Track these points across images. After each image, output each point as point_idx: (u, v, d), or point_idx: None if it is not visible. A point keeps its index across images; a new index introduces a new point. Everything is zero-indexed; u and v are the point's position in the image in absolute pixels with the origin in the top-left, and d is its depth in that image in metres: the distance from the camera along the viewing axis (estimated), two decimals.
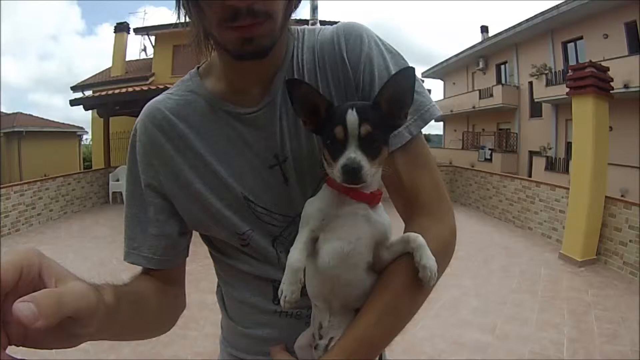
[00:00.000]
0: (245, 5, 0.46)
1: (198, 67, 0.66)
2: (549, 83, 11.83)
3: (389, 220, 0.52)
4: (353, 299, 0.51)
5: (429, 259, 0.47)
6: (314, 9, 7.17)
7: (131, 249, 0.63)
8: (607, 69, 5.08)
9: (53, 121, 18.07)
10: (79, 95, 11.66)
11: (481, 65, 16.25)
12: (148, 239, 0.62)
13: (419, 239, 0.49)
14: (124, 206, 0.66)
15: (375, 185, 0.51)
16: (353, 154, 0.45)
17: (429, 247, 0.49)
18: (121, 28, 12.54)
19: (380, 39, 0.61)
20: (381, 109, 0.49)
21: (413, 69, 0.50)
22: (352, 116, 0.46)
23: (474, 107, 15.72)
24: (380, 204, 0.52)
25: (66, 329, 0.36)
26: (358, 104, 0.49)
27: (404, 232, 0.56)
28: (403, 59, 0.61)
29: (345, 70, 0.58)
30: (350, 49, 0.58)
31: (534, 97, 12.68)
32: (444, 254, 0.55)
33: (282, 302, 0.47)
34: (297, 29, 0.63)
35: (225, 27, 0.49)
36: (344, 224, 0.49)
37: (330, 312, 0.52)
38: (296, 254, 0.48)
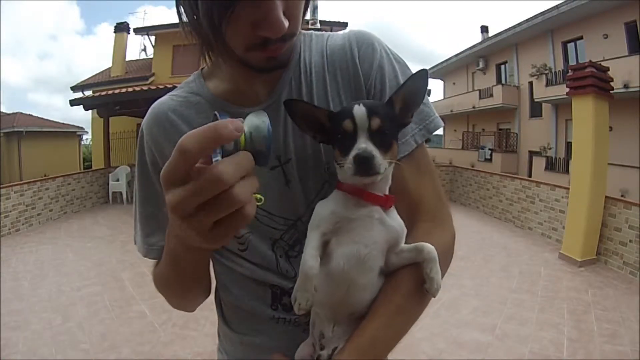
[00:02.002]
0: (276, 36, 0.47)
1: (202, 69, 0.66)
2: (549, 83, 11.83)
3: (403, 225, 0.52)
4: (363, 305, 0.51)
5: (437, 273, 0.49)
6: (314, 9, 7.18)
7: (149, 245, 0.64)
8: (607, 69, 5.07)
9: (53, 121, 18.11)
10: (79, 95, 11.66)
11: (481, 65, 16.25)
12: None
13: (433, 252, 0.49)
14: (136, 207, 0.66)
15: (386, 186, 0.51)
16: (364, 144, 0.45)
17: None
18: (121, 28, 12.54)
19: (389, 49, 0.63)
20: (394, 107, 0.50)
21: (427, 71, 0.51)
22: (359, 110, 0.46)
23: (474, 107, 15.72)
24: (393, 207, 0.52)
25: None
26: (365, 100, 0.50)
27: (407, 236, 0.55)
28: (409, 68, 0.63)
29: (357, 76, 0.59)
30: (362, 57, 0.60)
31: (534, 97, 12.68)
32: (446, 259, 0.56)
33: (295, 309, 0.47)
34: (305, 33, 0.64)
35: (252, 52, 0.50)
36: (359, 227, 0.48)
37: (335, 320, 0.52)
38: (309, 260, 0.47)
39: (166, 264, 0.55)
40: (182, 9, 0.52)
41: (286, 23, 0.46)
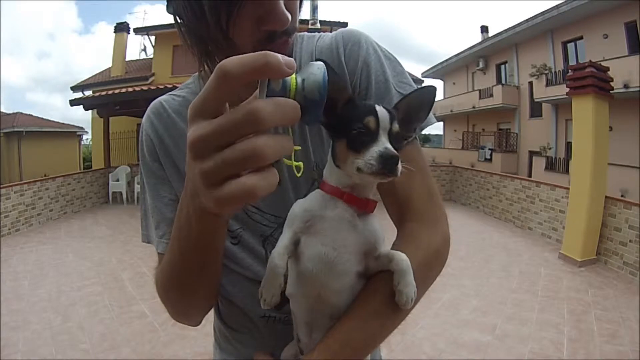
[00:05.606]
0: (282, 28, 0.48)
1: (201, 71, 0.66)
2: (549, 83, 11.84)
3: (380, 231, 0.49)
4: (342, 310, 0.49)
5: (407, 285, 0.45)
6: (314, 9, 7.19)
7: (159, 237, 0.63)
8: (607, 69, 5.08)
9: (53, 121, 18.11)
10: (78, 95, 11.67)
11: (481, 65, 16.26)
12: (170, 222, 0.61)
13: (403, 263, 0.46)
14: (144, 200, 0.66)
15: (371, 191, 0.49)
16: (388, 144, 0.43)
17: (418, 253, 0.47)
18: (121, 28, 12.54)
19: (378, 45, 0.62)
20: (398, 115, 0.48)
21: (435, 88, 0.50)
22: (383, 111, 0.44)
23: (474, 107, 15.73)
24: (373, 214, 0.50)
25: None
26: (383, 105, 0.48)
27: (396, 237, 0.54)
28: (400, 65, 0.62)
29: (343, 74, 0.60)
30: (348, 54, 0.60)
31: (534, 97, 12.69)
32: (435, 261, 0.54)
33: (261, 304, 0.46)
34: (296, 35, 0.64)
35: (260, 48, 0.49)
36: (329, 228, 0.47)
37: (314, 323, 0.50)
38: (276, 258, 0.45)
39: (174, 241, 0.51)
40: (180, 11, 0.51)
41: (289, 15, 0.48)
